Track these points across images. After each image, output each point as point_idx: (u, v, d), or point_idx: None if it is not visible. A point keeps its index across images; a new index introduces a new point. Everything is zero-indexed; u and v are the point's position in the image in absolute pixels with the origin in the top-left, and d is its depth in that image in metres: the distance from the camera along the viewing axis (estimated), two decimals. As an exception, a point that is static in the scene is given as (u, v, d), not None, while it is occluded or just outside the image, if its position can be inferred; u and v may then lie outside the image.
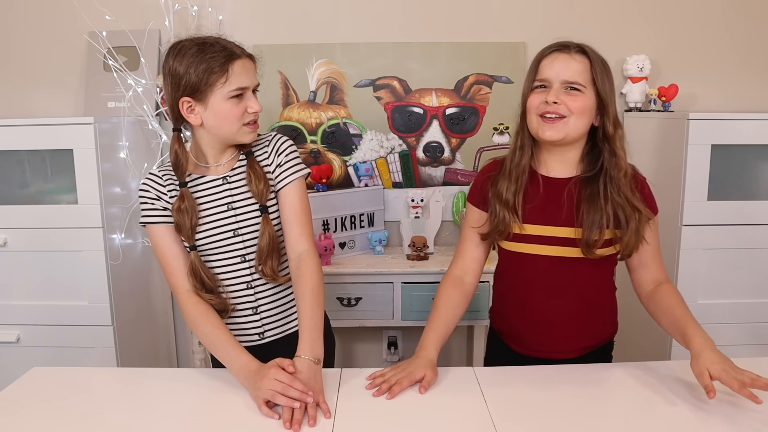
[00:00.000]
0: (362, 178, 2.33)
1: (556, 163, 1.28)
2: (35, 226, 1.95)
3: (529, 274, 1.30)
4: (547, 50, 1.24)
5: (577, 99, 1.19)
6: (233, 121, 1.23)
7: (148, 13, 2.23)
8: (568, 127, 1.20)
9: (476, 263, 1.37)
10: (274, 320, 1.36)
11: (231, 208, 1.28)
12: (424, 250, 2.18)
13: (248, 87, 1.23)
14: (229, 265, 1.30)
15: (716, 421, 1.02)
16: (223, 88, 1.20)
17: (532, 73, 1.24)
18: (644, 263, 1.29)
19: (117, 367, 2.00)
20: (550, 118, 1.20)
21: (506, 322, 1.38)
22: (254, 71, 1.26)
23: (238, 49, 1.23)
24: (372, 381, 1.17)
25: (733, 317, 1.95)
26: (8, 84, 2.36)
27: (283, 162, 1.30)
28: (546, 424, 1.02)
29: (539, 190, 1.27)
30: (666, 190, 1.98)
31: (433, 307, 1.32)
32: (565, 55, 1.21)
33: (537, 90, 1.23)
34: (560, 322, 1.29)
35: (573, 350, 1.31)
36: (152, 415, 1.07)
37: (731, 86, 2.33)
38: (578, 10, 2.28)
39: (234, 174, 1.30)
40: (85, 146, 1.90)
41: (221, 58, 1.19)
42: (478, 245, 1.35)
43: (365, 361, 2.51)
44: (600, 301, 1.33)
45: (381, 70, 2.31)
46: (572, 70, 1.20)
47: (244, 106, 1.23)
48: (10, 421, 1.05)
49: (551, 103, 1.19)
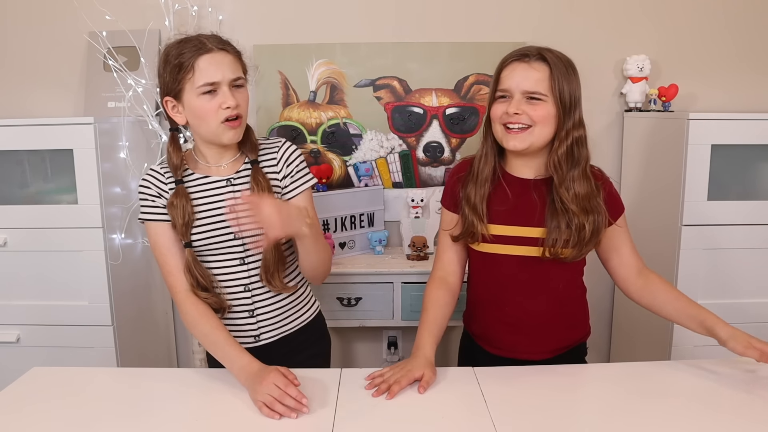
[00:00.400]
0: (362, 178, 2.33)
1: (524, 167, 1.29)
2: (35, 226, 1.95)
3: (501, 275, 1.31)
4: (507, 59, 1.25)
5: (538, 108, 1.20)
6: (209, 119, 1.19)
7: (148, 13, 2.22)
8: (532, 137, 1.22)
9: (455, 264, 1.38)
10: (270, 323, 1.34)
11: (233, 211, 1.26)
12: (424, 250, 2.18)
13: (218, 81, 1.17)
14: (228, 266, 1.29)
15: (717, 422, 1.02)
16: (192, 85, 1.17)
17: (495, 82, 1.26)
18: (615, 246, 1.30)
19: (117, 367, 2.00)
20: (513, 129, 1.21)
21: (480, 325, 1.39)
22: (230, 65, 1.20)
23: (212, 43, 1.18)
24: (371, 381, 1.17)
25: (733, 317, 1.93)
26: (8, 84, 2.35)
27: (293, 172, 1.29)
28: (546, 424, 1.02)
29: (509, 191, 1.28)
30: (666, 190, 1.98)
31: (422, 309, 1.33)
32: (525, 65, 1.21)
33: (499, 100, 1.24)
34: (533, 323, 1.31)
35: (546, 351, 1.33)
36: (152, 415, 1.07)
37: (731, 86, 2.32)
38: (578, 10, 2.28)
39: (238, 177, 1.28)
40: (85, 146, 1.89)
41: (189, 54, 1.16)
42: (452, 246, 1.36)
43: (365, 361, 2.51)
44: (571, 301, 1.35)
45: (381, 70, 2.31)
46: (532, 80, 1.20)
47: (219, 101, 1.18)
48: (10, 421, 1.05)
49: (512, 114, 1.20)
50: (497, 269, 1.31)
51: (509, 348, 1.33)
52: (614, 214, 1.28)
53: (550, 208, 1.24)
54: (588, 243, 1.23)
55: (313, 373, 1.23)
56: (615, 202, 1.29)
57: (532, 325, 1.30)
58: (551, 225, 1.23)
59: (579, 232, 1.21)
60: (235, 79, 1.20)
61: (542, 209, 1.25)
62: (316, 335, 1.45)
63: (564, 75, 1.20)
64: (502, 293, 1.32)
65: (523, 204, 1.27)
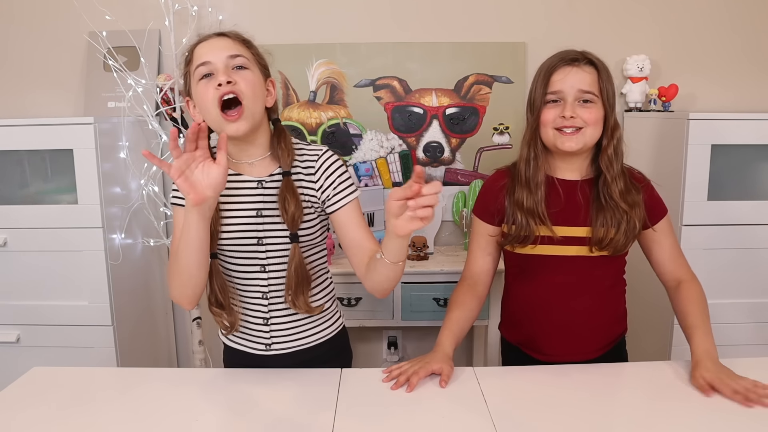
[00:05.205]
0: (362, 178, 2.33)
1: (567, 170, 1.31)
2: (35, 226, 1.95)
3: (548, 278, 1.32)
4: (557, 63, 1.25)
5: (592, 110, 1.23)
6: (209, 105, 1.12)
7: (148, 13, 2.23)
8: (585, 138, 1.24)
9: (484, 274, 1.39)
10: (283, 334, 1.27)
11: (260, 215, 1.20)
12: (424, 250, 2.18)
13: (210, 61, 1.11)
14: (249, 272, 1.23)
15: (717, 421, 1.02)
16: (192, 72, 1.14)
17: (543, 86, 1.25)
18: (660, 262, 1.33)
19: (117, 367, 2.00)
20: (567, 131, 1.23)
21: (524, 332, 1.38)
22: (227, 46, 1.14)
23: (214, 33, 1.16)
24: (389, 374, 1.18)
25: (734, 317, 1.95)
26: (8, 84, 2.36)
27: (335, 184, 1.21)
28: (546, 424, 1.02)
29: (559, 194, 1.30)
30: (666, 190, 1.96)
31: (447, 310, 1.34)
32: (577, 69, 1.24)
33: (550, 105, 1.25)
34: (580, 322, 1.31)
35: (591, 350, 1.33)
36: (152, 415, 1.07)
37: (731, 86, 2.33)
38: (578, 10, 2.28)
39: (270, 180, 1.21)
40: (85, 146, 1.90)
41: (192, 47, 1.16)
42: (484, 254, 1.37)
43: (365, 361, 2.51)
44: (614, 298, 1.36)
45: (381, 70, 2.31)
46: (585, 83, 1.23)
47: (214, 83, 1.11)
48: (10, 421, 1.05)
49: (568, 118, 1.22)
50: (545, 271, 1.32)
51: (558, 352, 1.32)
52: (654, 216, 1.30)
53: (596, 205, 1.27)
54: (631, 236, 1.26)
55: (313, 373, 1.22)
56: (656, 204, 1.32)
57: (579, 323, 1.31)
58: (598, 222, 1.26)
59: (627, 225, 1.25)
60: (232, 56, 1.13)
61: (587, 208, 1.28)
62: (335, 351, 1.35)
63: (608, 78, 1.26)
64: (548, 296, 1.32)
65: (571, 205, 1.30)
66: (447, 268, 2.06)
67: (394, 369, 1.20)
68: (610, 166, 1.26)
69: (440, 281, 2.06)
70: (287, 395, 1.13)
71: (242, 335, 1.30)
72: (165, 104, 2.18)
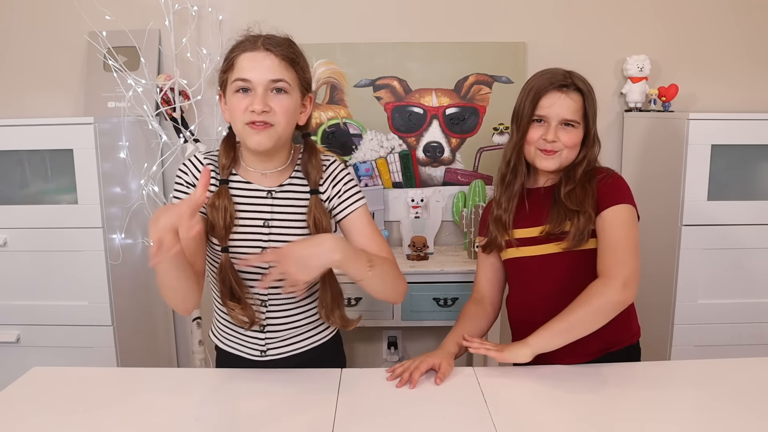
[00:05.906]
0: (362, 178, 2.33)
1: (542, 181, 1.40)
2: (35, 226, 1.95)
3: (527, 281, 1.37)
4: (547, 87, 1.31)
5: (572, 134, 1.31)
6: (237, 117, 1.13)
7: (148, 13, 2.22)
8: (561, 159, 1.33)
9: (489, 289, 1.45)
10: (278, 341, 1.28)
11: (267, 226, 1.20)
12: (424, 250, 2.18)
13: (251, 80, 1.11)
14: (250, 280, 1.23)
15: (717, 422, 1.02)
16: (231, 79, 1.14)
17: (531, 107, 1.32)
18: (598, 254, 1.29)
19: (117, 367, 2.00)
20: (546, 150, 1.32)
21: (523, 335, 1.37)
22: (271, 66, 1.12)
23: (261, 42, 1.14)
24: (392, 373, 1.21)
25: (733, 317, 1.95)
26: (8, 84, 2.35)
27: (341, 192, 1.24)
28: (546, 424, 1.02)
29: (525, 200, 1.38)
30: (666, 190, 1.98)
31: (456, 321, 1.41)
32: (564, 96, 1.30)
33: (536, 123, 1.33)
34: None
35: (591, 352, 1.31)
36: (152, 415, 1.07)
37: (732, 86, 2.33)
38: (578, 10, 2.28)
39: (280, 190, 1.21)
40: (85, 146, 1.89)
41: (237, 51, 1.15)
42: (487, 270, 1.45)
43: (365, 361, 2.51)
44: None
45: (381, 70, 2.31)
46: (570, 111, 1.30)
47: (248, 102, 1.11)
48: (10, 421, 1.05)
49: (550, 141, 1.30)
50: (529, 273, 1.36)
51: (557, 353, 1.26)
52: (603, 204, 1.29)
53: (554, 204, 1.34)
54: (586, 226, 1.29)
55: (314, 373, 1.23)
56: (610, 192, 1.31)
57: None
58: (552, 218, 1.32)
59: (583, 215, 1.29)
60: (274, 80, 1.12)
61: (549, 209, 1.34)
62: (328, 355, 1.36)
63: (592, 101, 1.33)
64: (538, 297, 1.35)
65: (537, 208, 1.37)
66: (447, 268, 2.06)
67: (397, 367, 1.22)
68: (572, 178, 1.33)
69: (440, 281, 2.06)
70: (287, 395, 1.14)
71: (237, 340, 1.30)
72: (165, 104, 2.18)
